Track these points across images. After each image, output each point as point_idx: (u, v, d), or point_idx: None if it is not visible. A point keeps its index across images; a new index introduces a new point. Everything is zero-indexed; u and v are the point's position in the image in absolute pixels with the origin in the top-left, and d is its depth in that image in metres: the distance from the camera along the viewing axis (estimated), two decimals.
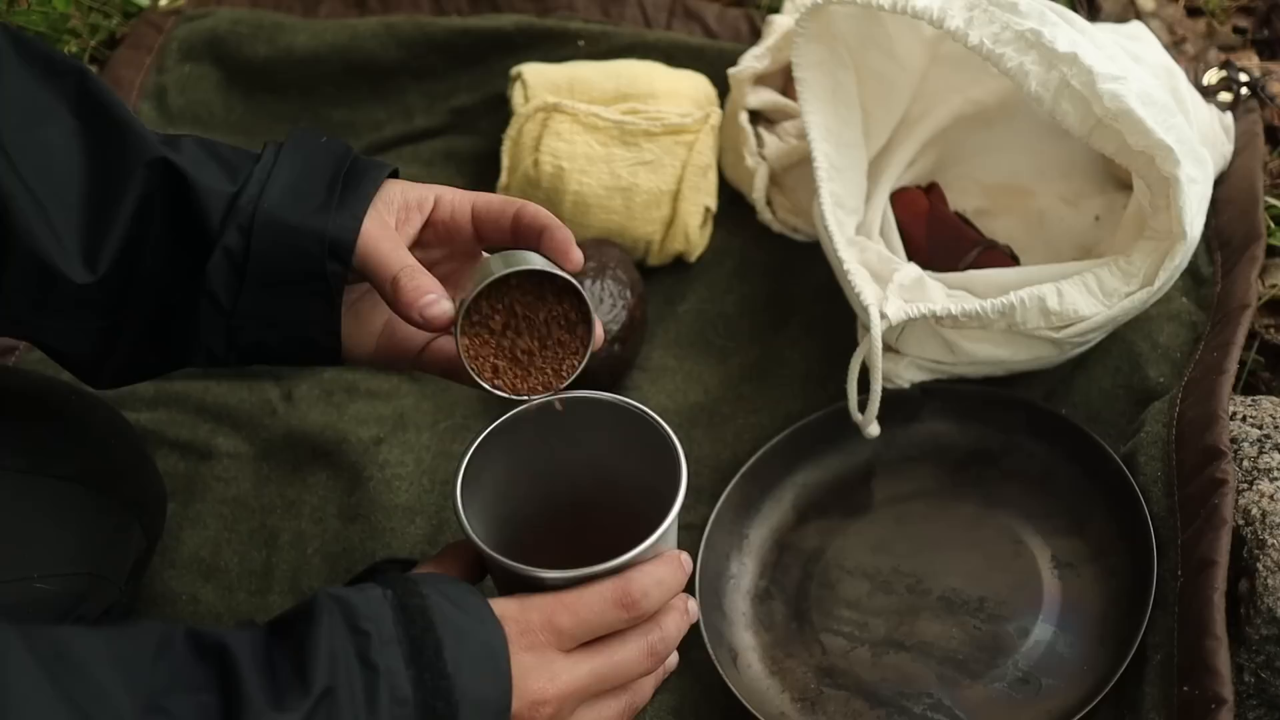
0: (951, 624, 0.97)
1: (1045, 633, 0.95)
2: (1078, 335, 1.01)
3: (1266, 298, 1.13)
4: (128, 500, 0.98)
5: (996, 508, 1.03)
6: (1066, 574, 0.98)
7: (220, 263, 0.80)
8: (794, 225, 1.21)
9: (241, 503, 1.12)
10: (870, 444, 1.06)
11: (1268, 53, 1.34)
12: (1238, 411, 0.99)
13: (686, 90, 1.21)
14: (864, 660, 0.97)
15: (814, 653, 0.99)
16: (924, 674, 0.95)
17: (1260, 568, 0.89)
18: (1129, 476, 0.98)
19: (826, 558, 1.04)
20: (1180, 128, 0.98)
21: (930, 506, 1.05)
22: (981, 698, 0.93)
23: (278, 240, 0.80)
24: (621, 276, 1.14)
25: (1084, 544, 0.99)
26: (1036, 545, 1.00)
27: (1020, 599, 0.97)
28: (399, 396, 1.17)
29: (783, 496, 1.08)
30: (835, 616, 1.01)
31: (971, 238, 1.12)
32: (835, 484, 1.08)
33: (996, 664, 0.94)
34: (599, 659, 0.77)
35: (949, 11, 1.00)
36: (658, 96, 1.19)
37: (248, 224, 0.80)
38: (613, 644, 0.78)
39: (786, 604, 1.03)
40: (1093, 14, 1.37)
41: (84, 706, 0.62)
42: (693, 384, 1.15)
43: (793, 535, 1.06)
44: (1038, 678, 0.93)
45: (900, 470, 1.07)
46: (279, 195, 0.81)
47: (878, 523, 1.05)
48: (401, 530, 1.08)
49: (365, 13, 1.37)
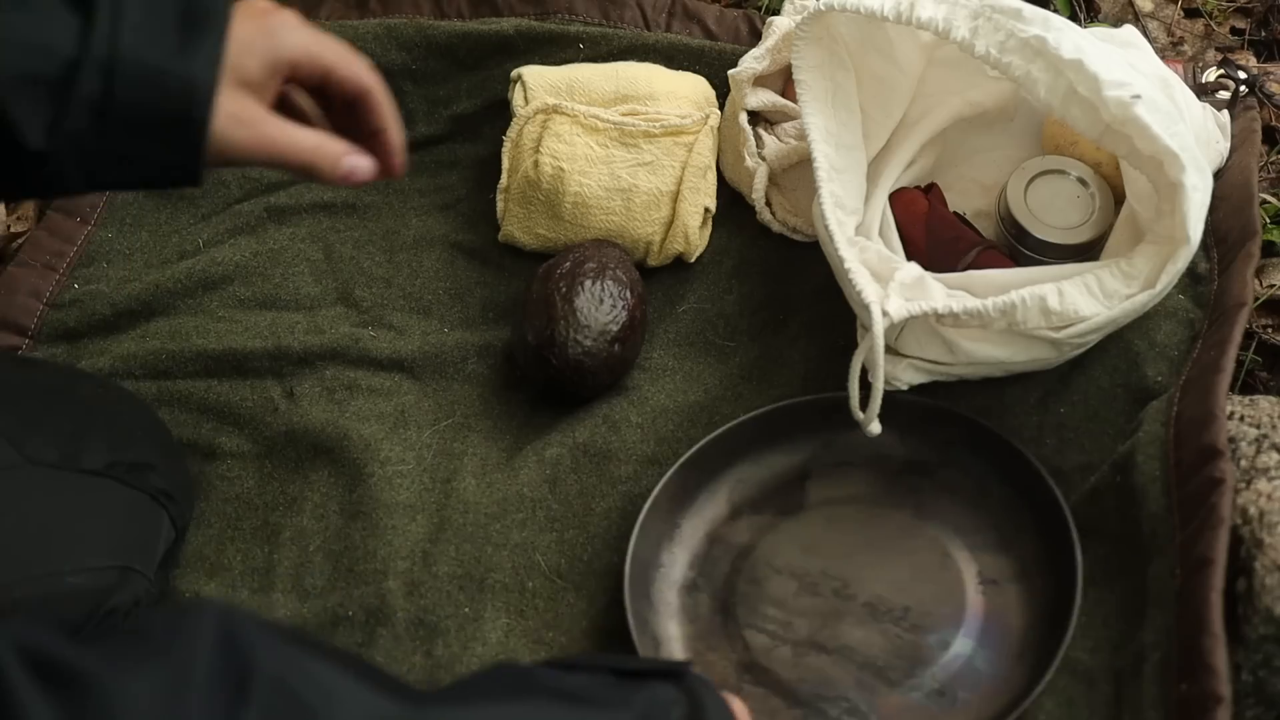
0: (874, 630, 0.99)
1: (965, 647, 0.97)
2: (1077, 336, 1.01)
3: (1264, 298, 1.14)
4: (156, 492, 0.99)
5: (928, 520, 1.04)
6: (990, 591, 1.00)
7: (78, 108, 0.75)
8: (793, 225, 1.21)
9: (244, 500, 1.13)
10: (809, 445, 1.08)
11: (1265, 54, 1.35)
12: (1235, 411, 1.00)
13: (686, 92, 1.21)
14: (785, 660, 0.99)
15: (736, 648, 1.00)
16: (843, 678, 0.97)
17: (1258, 567, 0.90)
18: (1060, 500, 1.00)
19: (756, 555, 1.05)
20: (1183, 135, 0.99)
21: (863, 513, 1.06)
22: (897, 706, 0.95)
23: (142, 85, 0.76)
24: (621, 276, 1.14)
25: (1010, 563, 1.01)
26: (964, 560, 1.02)
27: (943, 612, 0.99)
28: (400, 394, 1.17)
29: (718, 490, 1.08)
30: (760, 614, 1.02)
31: (970, 238, 1.13)
32: (772, 482, 1.09)
33: (914, 674, 0.96)
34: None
35: (954, 21, 1.01)
36: (657, 98, 1.20)
37: (107, 66, 0.75)
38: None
39: (713, 597, 1.04)
40: (1091, 15, 1.37)
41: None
42: (693, 384, 1.16)
43: (725, 529, 1.07)
44: (954, 690, 0.95)
45: (837, 474, 1.08)
46: (133, 35, 0.76)
47: (810, 524, 1.06)
48: (403, 528, 1.08)
49: (366, 14, 1.37)
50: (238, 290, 1.24)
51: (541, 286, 1.13)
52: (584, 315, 1.11)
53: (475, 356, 1.19)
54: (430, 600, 1.04)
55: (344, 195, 1.30)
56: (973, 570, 1.01)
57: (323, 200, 1.30)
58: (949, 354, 1.05)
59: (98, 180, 0.80)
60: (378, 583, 1.05)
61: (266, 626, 0.65)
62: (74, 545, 0.92)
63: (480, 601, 1.05)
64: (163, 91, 0.76)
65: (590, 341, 1.10)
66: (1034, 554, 1.00)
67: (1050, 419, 1.06)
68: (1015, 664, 0.95)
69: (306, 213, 1.29)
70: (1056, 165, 1.14)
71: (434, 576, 1.05)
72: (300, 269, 1.25)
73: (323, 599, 1.06)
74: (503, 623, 1.04)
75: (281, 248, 1.26)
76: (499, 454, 1.13)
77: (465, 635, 1.03)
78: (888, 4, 1.02)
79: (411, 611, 1.04)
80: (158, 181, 0.83)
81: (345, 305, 1.23)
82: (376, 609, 1.04)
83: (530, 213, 1.21)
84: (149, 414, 1.04)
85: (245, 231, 1.28)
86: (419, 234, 1.27)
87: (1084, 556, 1.00)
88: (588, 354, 1.10)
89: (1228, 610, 0.89)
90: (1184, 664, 0.87)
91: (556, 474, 1.10)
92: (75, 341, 1.22)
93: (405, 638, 1.03)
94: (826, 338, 1.14)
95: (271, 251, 1.26)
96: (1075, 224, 1.12)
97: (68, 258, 1.26)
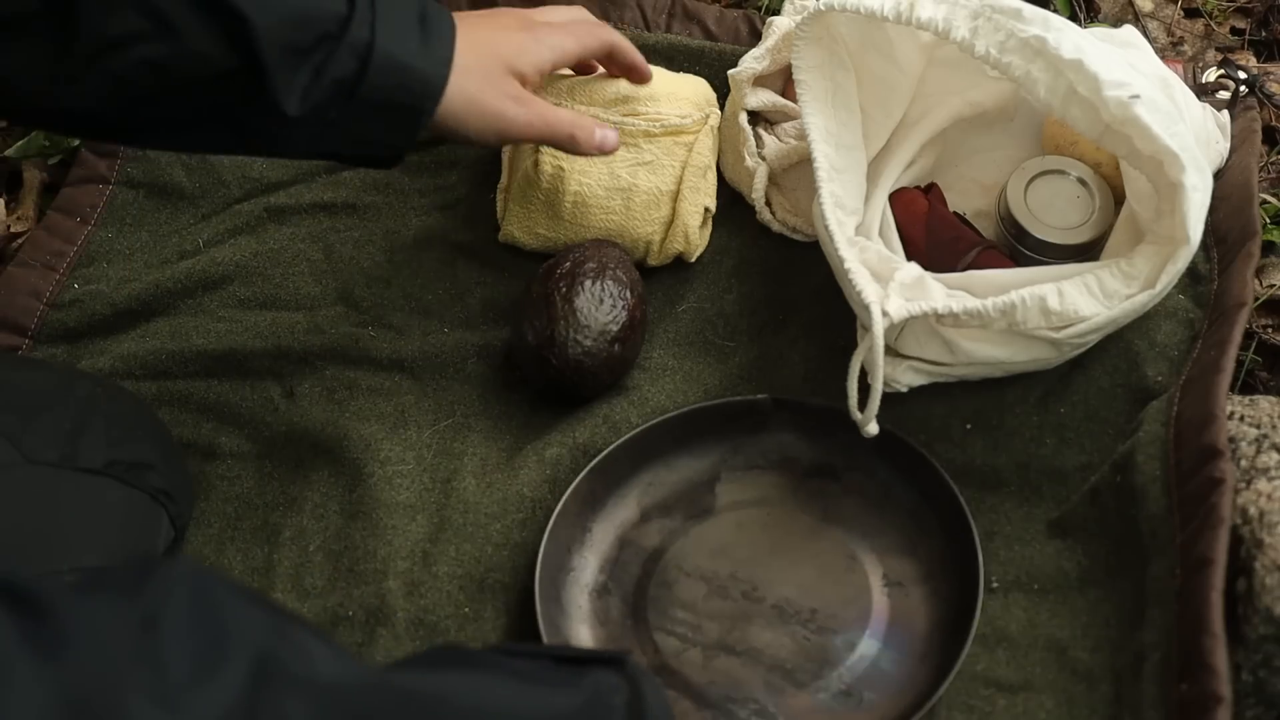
0: (782, 632, 0.99)
1: (871, 648, 0.98)
2: (1077, 336, 1.01)
3: (1264, 298, 1.14)
4: (155, 491, 0.99)
5: (834, 523, 1.05)
6: (896, 593, 1.01)
7: (328, 84, 0.86)
8: (793, 225, 1.21)
9: (245, 500, 1.13)
10: (718, 449, 1.09)
11: (1265, 54, 1.35)
12: (1235, 411, 1.00)
13: (686, 93, 1.21)
14: (695, 662, 0.99)
15: (647, 651, 1.01)
16: (752, 679, 0.97)
17: (1258, 567, 0.90)
18: (963, 505, 1.00)
19: (666, 558, 1.05)
20: (1183, 135, 0.99)
21: (771, 516, 1.07)
22: (805, 707, 0.96)
23: (391, 76, 0.88)
24: (621, 277, 1.14)
25: (915, 565, 1.02)
26: (870, 562, 1.03)
27: (850, 613, 1.00)
28: (400, 394, 1.17)
29: (628, 494, 1.08)
30: (670, 617, 1.02)
31: (970, 238, 1.13)
32: (681, 485, 1.09)
33: (822, 675, 0.97)
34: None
35: (954, 21, 1.01)
36: (658, 99, 1.20)
37: (364, 53, 0.87)
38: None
39: (624, 601, 1.04)
40: (1091, 15, 1.37)
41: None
42: (693, 384, 1.16)
43: (635, 533, 1.07)
44: (860, 691, 0.96)
45: (745, 477, 1.09)
46: (387, 30, 0.88)
47: (719, 527, 1.07)
48: (403, 528, 1.08)
49: None
50: (238, 290, 1.24)
51: (541, 286, 1.13)
52: (584, 315, 1.11)
53: (475, 356, 1.19)
54: (430, 600, 1.04)
55: (344, 195, 1.30)
56: (879, 573, 1.02)
57: (323, 200, 1.30)
58: (949, 354, 1.05)
59: (319, 147, 0.92)
60: (378, 583, 1.06)
61: (237, 586, 0.65)
62: (73, 544, 0.92)
63: (480, 601, 1.05)
64: (404, 83, 0.89)
65: (590, 341, 1.11)
66: (939, 557, 1.01)
67: (1050, 419, 1.06)
68: (919, 665, 0.96)
69: (306, 213, 1.29)
70: (1056, 165, 1.14)
71: (434, 576, 1.05)
72: (300, 269, 1.26)
73: (323, 599, 1.06)
74: (503, 623, 1.04)
75: (281, 248, 1.27)
76: (499, 454, 1.13)
77: (465, 635, 1.03)
78: (888, 4, 1.02)
79: (411, 611, 1.04)
80: (366, 158, 0.97)
81: (345, 305, 1.23)
82: (376, 609, 1.04)
83: (530, 212, 1.21)
84: (148, 414, 1.04)
85: (245, 231, 1.28)
86: (419, 234, 1.27)
87: (1084, 557, 1.01)
88: (588, 354, 1.11)
89: (1228, 610, 0.89)
90: (1184, 664, 0.87)
91: (556, 474, 1.10)
92: (75, 341, 1.22)
93: (405, 638, 1.03)
94: (826, 338, 1.14)
95: (271, 251, 1.26)
96: (1075, 224, 1.12)
97: (68, 258, 1.27)
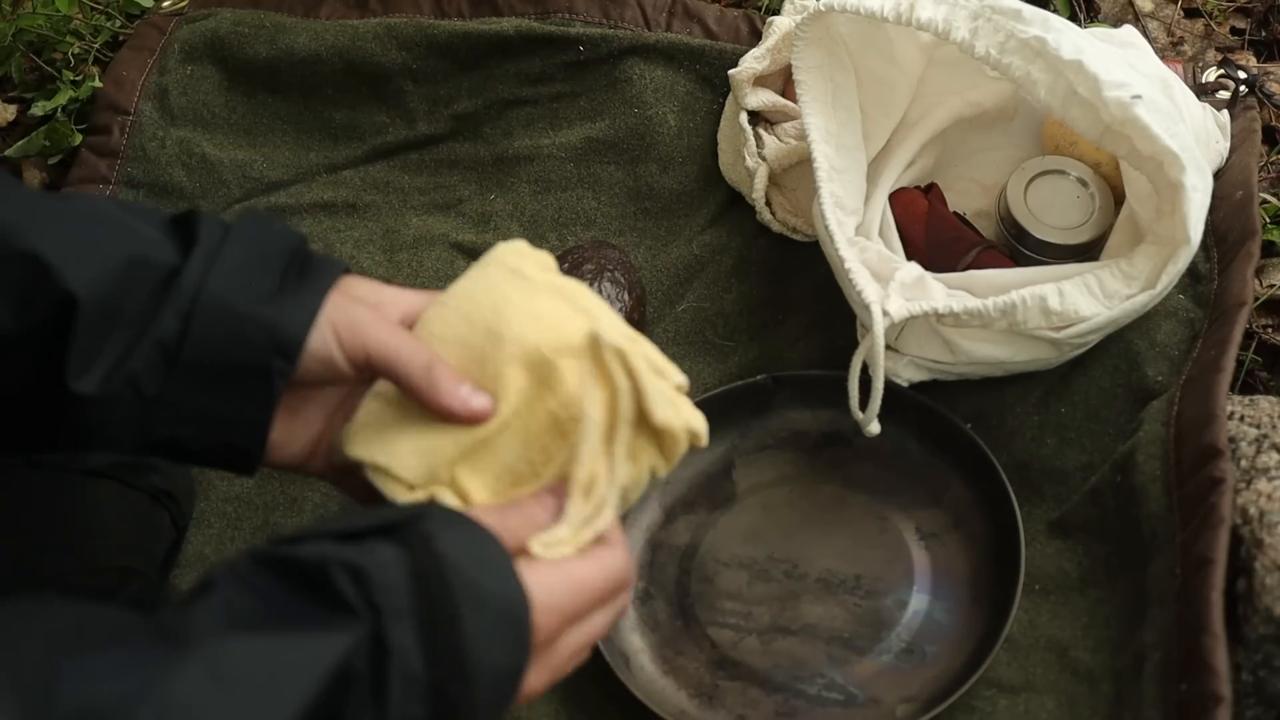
0: (832, 604, 1.00)
1: (922, 602, 0.99)
2: (1078, 336, 1.01)
3: (1264, 298, 1.14)
4: (157, 492, 0.99)
5: (857, 488, 1.06)
6: (933, 544, 1.02)
7: (147, 348, 0.71)
8: (793, 225, 1.21)
9: (245, 501, 1.13)
10: (726, 436, 1.09)
11: (1265, 54, 1.34)
12: (1236, 411, 1.00)
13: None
14: (754, 649, 0.99)
15: (703, 648, 1.01)
16: (814, 655, 0.98)
17: (1258, 567, 0.90)
18: (979, 443, 1.01)
19: (701, 553, 1.05)
20: (1183, 135, 0.99)
21: (794, 492, 1.07)
22: (871, 671, 0.96)
23: (221, 329, 0.72)
24: (619, 277, 1.14)
25: (943, 514, 1.03)
26: (900, 519, 1.03)
27: (893, 573, 1.01)
28: None
29: (648, 496, 1.08)
30: (719, 609, 1.02)
31: (970, 238, 1.13)
32: (698, 478, 1.09)
33: (881, 638, 0.98)
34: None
35: (954, 22, 1.01)
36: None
37: (188, 307, 0.71)
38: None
39: (668, 603, 1.04)
40: (1091, 15, 1.37)
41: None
42: (693, 383, 1.14)
43: (664, 533, 1.07)
44: (921, 646, 0.97)
45: (760, 459, 1.09)
46: (225, 279, 0.72)
47: (746, 512, 1.07)
48: None
49: (366, 14, 1.37)
50: None
51: None
52: None
53: None
54: None
55: (344, 195, 1.30)
56: (911, 528, 1.03)
57: (323, 200, 1.30)
58: (949, 354, 1.05)
59: (148, 437, 0.73)
60: None
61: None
62: (76, 546, 0.92)
63: None
64: (241, 336, 0.72)
65: None
66: (964, 500, 1.02)
67: (1050, 419, 1.06)
68: (972, 610, 0.97)
69: (306, 213, 1.29)
70: (1056, 165, 1.14)
71: None
72: None
73: None
74: None
75: None
76: None
77: None
78: (888, 4, 1.02)
79: None
80: (213, 451, 0.75)
81: None
82: None
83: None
84: None
85: None
86: (419, 234, 1.27)
87: (1084, 557, 1.01)
88: None
89: (1228, 610, 0.89)
90: (1184, 664, 0.87)
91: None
92: None
93: None
94: (826, 338, 1.14)
95: None
96: (1075, 224, 1.12)
97: None
